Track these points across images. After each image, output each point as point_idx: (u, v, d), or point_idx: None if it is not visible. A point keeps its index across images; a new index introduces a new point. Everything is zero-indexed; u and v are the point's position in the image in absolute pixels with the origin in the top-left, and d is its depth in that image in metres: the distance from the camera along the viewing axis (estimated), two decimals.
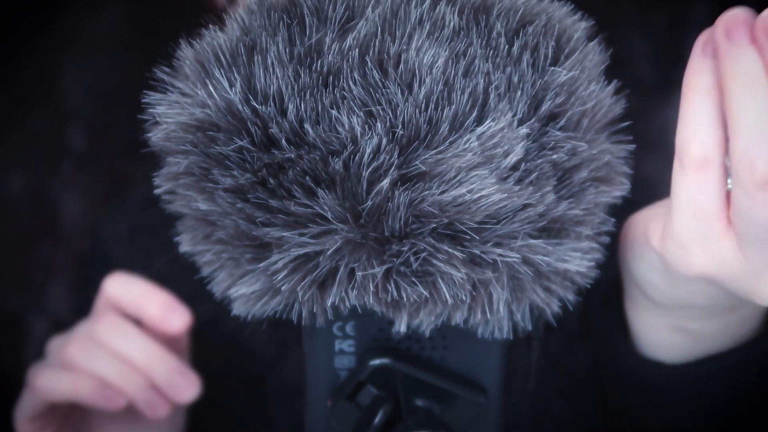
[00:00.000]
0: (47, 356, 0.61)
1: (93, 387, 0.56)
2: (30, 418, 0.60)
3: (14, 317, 1.09)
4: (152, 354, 0.57)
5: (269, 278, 0.43)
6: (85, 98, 1.11)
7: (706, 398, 0.52)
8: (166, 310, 0.58)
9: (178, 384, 0.57)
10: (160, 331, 0.58)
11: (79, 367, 0.57)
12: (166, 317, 0.58)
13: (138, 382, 0.57)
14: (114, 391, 0.56)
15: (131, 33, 1.10)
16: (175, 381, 0.57)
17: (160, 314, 0.58)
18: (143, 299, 0.58)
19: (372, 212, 0.41)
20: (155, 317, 0.58)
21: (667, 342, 0.52)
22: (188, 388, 0.57)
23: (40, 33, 1.09)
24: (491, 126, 0.41)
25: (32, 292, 1.10)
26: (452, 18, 0.43)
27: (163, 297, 0.58)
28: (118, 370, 0.57)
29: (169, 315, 0.58)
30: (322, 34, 0.42)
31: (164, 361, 0.57)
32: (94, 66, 1.10)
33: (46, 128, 1.10)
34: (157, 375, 0.57)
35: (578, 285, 0.45)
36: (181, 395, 0.57)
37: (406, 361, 0.46)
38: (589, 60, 0.44)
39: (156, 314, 0.58)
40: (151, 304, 0.58)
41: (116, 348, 0.57)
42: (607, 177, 0.45)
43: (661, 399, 0.53)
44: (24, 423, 0.60)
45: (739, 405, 0.53)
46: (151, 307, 0.58)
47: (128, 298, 0.59)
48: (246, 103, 0.42)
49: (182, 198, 0.45)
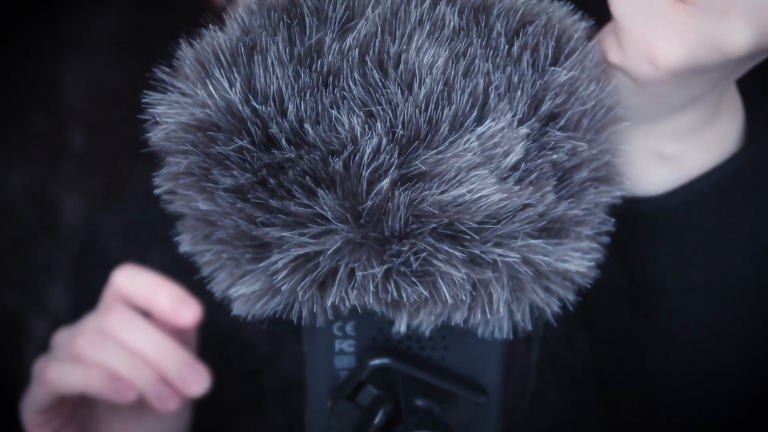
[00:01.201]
0: (54, 349, 0.61)
1: (103, 379, 0.57)
2: (38, 411, 0.60)
3: (14, 317, 1.09)
4: (162, 347, 0.57)
5: (269, 278, 0.43)
6: (85, 98, 1.10)
7: (701, 230, 0.51)
8: (177, 302, 0.58)
9: (188, 377, 0.57)
10: (170, 324, 0.58)
11: (89, 360, 0.57)
12: (176, 310, 0.58)
13: (148, 375, 0.57)
14: (124, 384, 0.56)
15: (131, 33, 1.10)
16: (185, 374, 0.57)
17: (170, 307, 0.58)
18: (153, 292, 0.58)
19: (372, 212, 0.41)
20: (165, 310, 0.58)
21: (648, 175, 0.50)
22: (198, 382, 0.57)
23: (40, 33, 1.08)
24: (491, 126, 0.41)
25: (32, 292, 1.10)
26: (452, 18, 0.43)
27: (174, 289, 0.58)
28: (129, 363, 0.57)
29: (180, 307, 0.58)
30: (322, 34, 0.42)
31: (174, 354, 0.57)
32: (94, 66, 1.10)
33: (46, 128, 1.10)
34: (167, 368, 0.57)
35: (578, 285, 0.45)
36: (191, 388, 0.57)
37: (406, 361, 0.46)
38: (589, 60, 0.44)
39: (166, 307, 0.58)
40: (161, 296, 0.58)
41: (126, 341, 0.57)
42: (607, 177, 0.45)
43: (656, 240, 0.52)
44: (32, 415, 0.60)
45: (735, 235, 0.52)
46: (161, 300, 0.58)
47: (138, 291, 0.59)
48: (246, 103, 0.42)
49: (182, 198, 0.45)
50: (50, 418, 0.60)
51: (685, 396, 0.55)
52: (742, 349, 0.53)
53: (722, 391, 0.54)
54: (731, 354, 0.54)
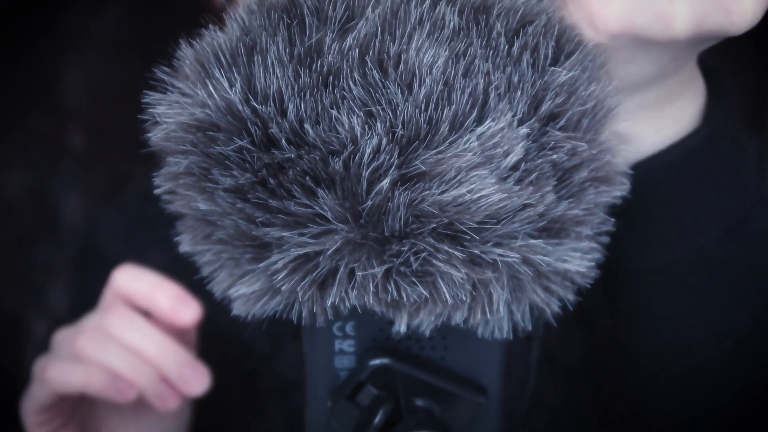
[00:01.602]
0: (54, 348, 0.61)
1: (104, 379, 0.57)
2: (39, 410, 0.60)
3: (14, 317, 1.09)
4: (163, 346, 0.57)
5: (269, 278, 0.43)
6: (85, 98, 1.10)
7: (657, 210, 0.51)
8: (177, 302, 0.58)
9: (189, 376, 0.57)
10: (170, 324, 0.58)
11: (89, 359, 0.57)
12: (176, 309, 0.58)
13: (149, 374, 0.57)
14: (125, 383, 0.57)
15: (131, 33, 1.10)
16: (185, 373, 0.57)
17: (170, 306, 0.58)
18: (153, 291, 0.58)
19: (372, 212, 0.41)
20: (165, 309, 0.58)
21: None
22: (198, 381, 0.57)
23: (40, 33, 1.08)
24: (491, 126, 0.41)
25: (32, 292, 1.10)
26: (452, 18, 0.43)
27: (174, 289, 0.58)
28: (129, 362, 0.57)
29: (180, 307, 0.58)
30: (322, 34, 0.42)
31: (174, 354, 0.57)
32: (94, 66, 1.10)
33: (46, 128, 1.10)
34: (167, 367, 0.57)
35: (578, 285, 0.45)
36: (191, 388, 0.57)
37: (406, 361, 0.46)
38: (590, 60, 0.44)
39: (166, 306, 0.58)
40: (161, 296, 0.58)
41: (127, 340, 0.57)
42: (607, 177, 0.45)
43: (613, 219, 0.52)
44: (32, 415, 0.60)
45: (693, 216, 0.51)
46: (161, 299, 0.58)
47: (138, 290, 0.59)
48: (246, 103, 0.42)
49: (182, 198, 0.45)
50: (51, 418, 0.60)
51: (658, 383, 0.55)
52: (710, 333, 0.53)
53: (694, 378, 0.54)
54: (699, 338, 0.53)
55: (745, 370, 0.54)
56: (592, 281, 0.45)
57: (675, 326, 0.53)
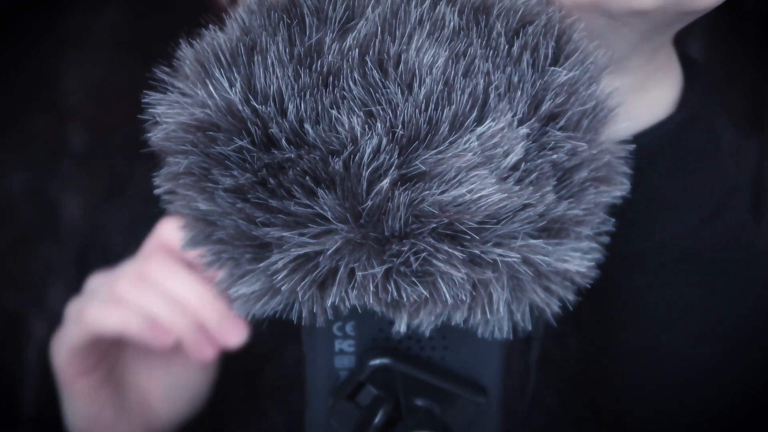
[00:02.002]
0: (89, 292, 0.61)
1: (142, 322, 0.57)
2: (73, 351, 0.60)
3: (14, 317, 1.09)
4: (203, 296, 0.57)
5: (269, 278, 0.43)
6: (85, 98, 1.10)
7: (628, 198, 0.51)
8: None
9: (227, 328, 0.57)
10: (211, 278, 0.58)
11: (129, 302, 0.57)
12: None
13: (188, 322, 0.57)
14: (163, 329, 0.57)
15: (131, 33, 1.10)
16: (224, 324, 0.57)
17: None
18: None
19: (372, 212, 0.41)
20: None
21: None
22: (237, 333, 0.57)
23: (40, 33, 1.08)
24: (491, 126, 0.41)
25: (32, 292, 1.10)
26: (452, 18, 0.43)
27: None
28: (169, 308, 0.57)
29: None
30: (322, 34, 0.42)
31: (214, 305, 0.57)
32: (94, 66, 1.10)
33: (46, 128, 1.10)
34: (207, 317, 0.57)
35: (578, 285, 0.45)
36: (229, 339, 0.57)
37: (406, 361, 0.46)
38: (590, 60, 0.44)
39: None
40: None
41: (168, 286, 0.57)
42: (607, 177, 0.45)
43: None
44: (65, 355, 0.60)
45: (665, 204, 0.52)
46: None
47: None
48: (246, 103, 0.42)
49: (182, 198, 0.45)
50: (83, 359, 0.60)
51: (639, 377, 0.55)
52: (687, 323, 0.53)
53: (673, 370, 0.54)
54: (676, 328, 0.53)
55: (722, 361, 0.54)
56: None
57: (653, 317, 0.53)
